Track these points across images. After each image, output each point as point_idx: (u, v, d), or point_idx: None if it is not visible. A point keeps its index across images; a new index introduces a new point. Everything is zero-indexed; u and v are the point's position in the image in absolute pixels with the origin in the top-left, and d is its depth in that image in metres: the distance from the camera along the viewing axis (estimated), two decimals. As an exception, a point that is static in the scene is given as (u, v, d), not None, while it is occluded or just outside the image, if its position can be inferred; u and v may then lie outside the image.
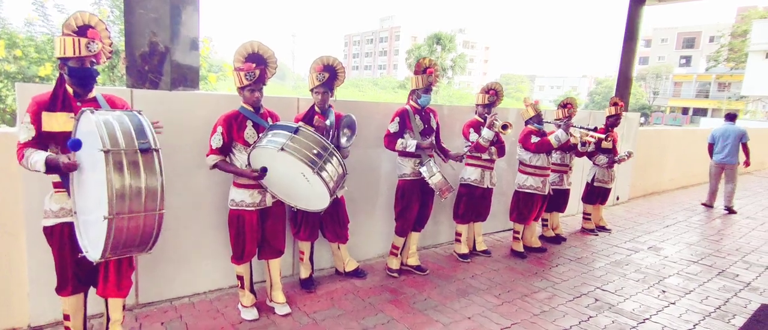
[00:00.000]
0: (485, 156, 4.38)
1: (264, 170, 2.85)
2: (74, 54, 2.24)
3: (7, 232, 2.77)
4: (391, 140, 3.84)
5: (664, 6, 8.47)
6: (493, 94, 4.35)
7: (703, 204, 7.89)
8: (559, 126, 4.51)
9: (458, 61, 44.81)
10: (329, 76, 3.39)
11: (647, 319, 3.54)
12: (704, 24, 53.01)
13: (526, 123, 4.69)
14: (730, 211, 7.45)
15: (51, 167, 2.19)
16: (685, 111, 46.48)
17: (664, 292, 4.09)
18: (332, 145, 2.89)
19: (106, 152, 1.94)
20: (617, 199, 7.65)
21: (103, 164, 1.93)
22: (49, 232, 2.38)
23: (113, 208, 1.95)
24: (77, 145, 2.05)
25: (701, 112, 44.53)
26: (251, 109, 3.02)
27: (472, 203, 4.51)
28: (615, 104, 5.59)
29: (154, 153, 2.07)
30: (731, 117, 7.74)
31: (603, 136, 4.93)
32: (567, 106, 5.07)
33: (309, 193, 2.93)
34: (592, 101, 49.50)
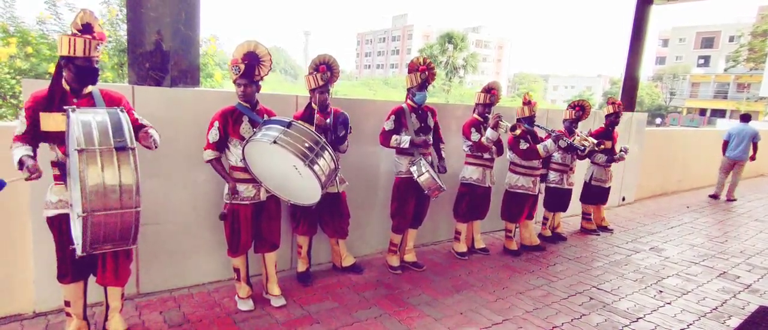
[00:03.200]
0: (486, 155, 4.41)
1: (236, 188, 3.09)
2: (85, 54, 2.34)
3: (14, 222, 2.89)
4: (386, 137, 3.90)
5: (674, 5, 8.37)
6: (494, 94, 4.37)
7: (710, 196, 8.66)
8: (548, 133, 4.51)
9: (470, 61, 44.63)
10: (330, 74, 3.46)
11: (640, 318, 3.55)
12: (724, 23, 51.90)
13: (517, 120, 4.68)
14: (730, 200, 8.43)
15: (22, 167, 2.27)
16: (702, 112, 45.65)
17: (660, 292, 4.08)
18: (324, 140, 2.95)
19: (80, 151, 1.99)
20: (623, 199, 7.60)
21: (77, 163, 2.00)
22: (49, 222, 2.49)
23: (87, 205, 2.00)
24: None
25: (719, 113, 43.69)
26: (247, 105, 3.10)
27: (474, 202, 4.55)
28: (612, 103, 5.58)
29: (130, 151, 2.11)
30: (746, 118, 8.48)
31: (595, 140, 4.90)
32: (576, 108, 5.06)
33: (301, 187, 3.00)
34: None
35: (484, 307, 3.55)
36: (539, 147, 4.45)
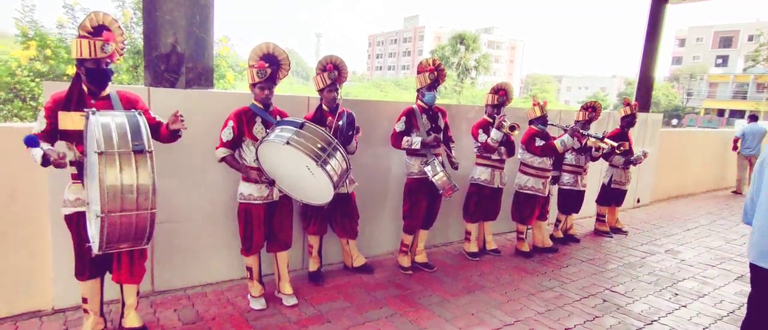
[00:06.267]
0: (495, 156, 4.40)
1: (271, 181, 3.07)
2: (91, 55, 2.38)
3: (33, 220, 2.97)
4: (397, 138, 3.91)
5: (689, 4, 8.24)
6: (502, 95, 4.36)
7: (733, 192, 9.24)
8: (564, 130, 4.50)
9: (482, 62, 44.41)
10: (338, 74, 3.49)
11: (655, 320, 3.50)
12: (742, 22, 50.90)
13: (530, 123, 4.68)
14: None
15: (46, 162, 2.30)
16: (720, 113, 44.79)
17: (676, 295, 4.02)
18: (336, 141, 2.98)
19: (100, 154, 2.04)
20: (638, 201, 7.50)
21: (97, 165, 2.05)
22: (68, 220, 2.55)
23: (105, 206, 2.06)
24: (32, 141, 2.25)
25: (738, 114, 42.80)
26: (261, 107, 3.14)
27: (482, 202, 4.53)
28: (628, 104, 5.51)
29: (148, 154, 2.16)
30: (754, 117, 9.19)
31: (615, 144, 4.86)
32: (589, 109, 5.03)
33: (314, 186, 3.03)
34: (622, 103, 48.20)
35: (496, 308, 3.54)
36: (557, 142, 4.41)
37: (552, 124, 4.71)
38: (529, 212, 4.74)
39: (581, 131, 4.52)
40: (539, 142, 4.50)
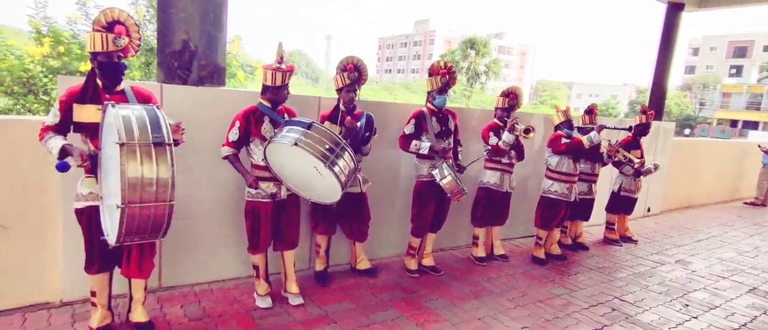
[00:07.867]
0: (504, 160, 4.37)
1: (256, 183, 3.10)
2: (102, 49, 2.39)
3: (44, 213, 2.99)
4: (405, 141, 3.90)
5: (704, 12, 8.15)
6: (513, 98, 4.34)
7: (749, 203, 9.14)
8: (590, 131, 4.50)
9: (492, 67, 44.26)
10: (358, 75, 3.51)
11: (665, 331, 3.45)
12: (758, 32, 50.27)
13: (556, 128, 4.68)
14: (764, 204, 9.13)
15: (64, 155, 2.37)
16: (733, 123, 44.27)
17: (686, 306, 3.95)
18: (344, 141, 2.97)
19: (121, 145, 2.06)
20: (648, 210, 7.41)
21: (118, 156, 2.07)
22: (79, 213, 2.56)
23: (126, 197, 2.07)
24: (64, 167, 2.35)
25: (752, 124, 42.30)
26: (269, 105, 3.14)
27: (490, 207, 4.50)
28: (644, 112, 5.47)
29: (167, 147, 2.18)
30: None
31: (638, 159, 4.86)
32: (592, 112, 5.00)
33: (322, 186, 3.02)
34: (633, 111, 47.82)
35: (503, 314, 3.51)
36: (584, 138, 4.43)
37: (578, 128, 4.70)
38: (551, 217, 4.70)
39: (607, 126, 4.54)
40: (565, 140, 4.49)
